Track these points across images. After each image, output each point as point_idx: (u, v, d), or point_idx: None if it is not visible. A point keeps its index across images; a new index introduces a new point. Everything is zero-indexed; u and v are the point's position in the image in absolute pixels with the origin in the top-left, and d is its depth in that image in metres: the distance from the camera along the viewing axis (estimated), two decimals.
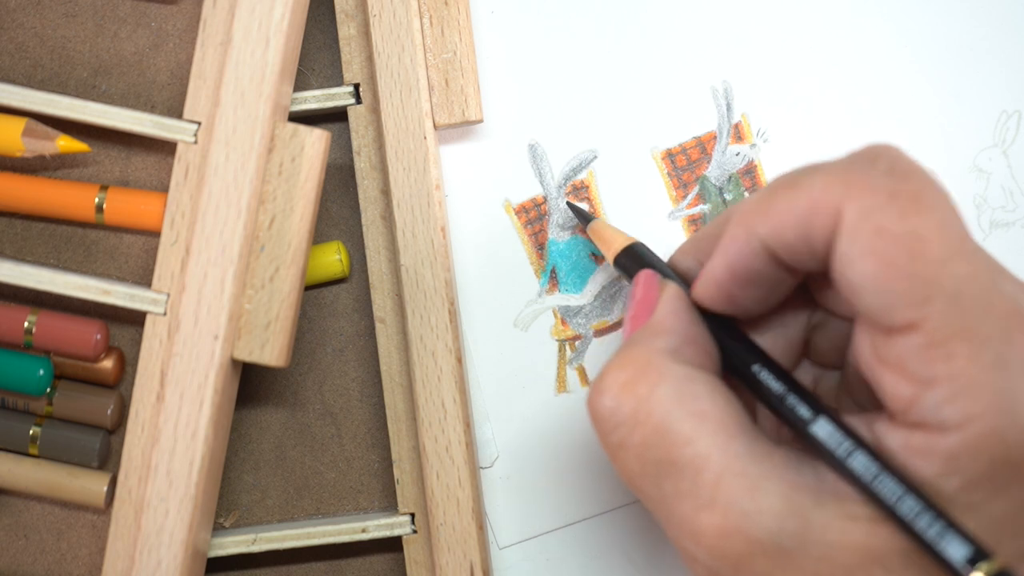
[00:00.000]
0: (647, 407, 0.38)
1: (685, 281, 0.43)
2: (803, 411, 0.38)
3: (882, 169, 0.36)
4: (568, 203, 0.54)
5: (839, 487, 0.37)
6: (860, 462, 0.36)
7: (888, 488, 0.36)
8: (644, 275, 0.43)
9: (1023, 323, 0.35)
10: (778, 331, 0.42)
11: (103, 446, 0.53)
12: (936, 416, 0.35)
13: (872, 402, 0.40)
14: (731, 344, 0.41)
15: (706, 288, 0.41)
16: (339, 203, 0.56)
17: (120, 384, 0.55)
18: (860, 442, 0.37)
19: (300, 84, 0.55)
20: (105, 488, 0.53)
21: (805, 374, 0.43)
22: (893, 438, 0.36)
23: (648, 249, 0.47)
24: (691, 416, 0.37)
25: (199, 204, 0.49)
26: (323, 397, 0.55)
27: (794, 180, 0.37)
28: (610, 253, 0.48)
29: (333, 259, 0.54)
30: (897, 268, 0.35)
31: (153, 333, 0.50)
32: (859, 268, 0.35)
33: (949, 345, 0.34)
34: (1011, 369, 0.34)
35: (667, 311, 0.41)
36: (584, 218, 0.53)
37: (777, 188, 0.38)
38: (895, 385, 0.36)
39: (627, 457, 0.38)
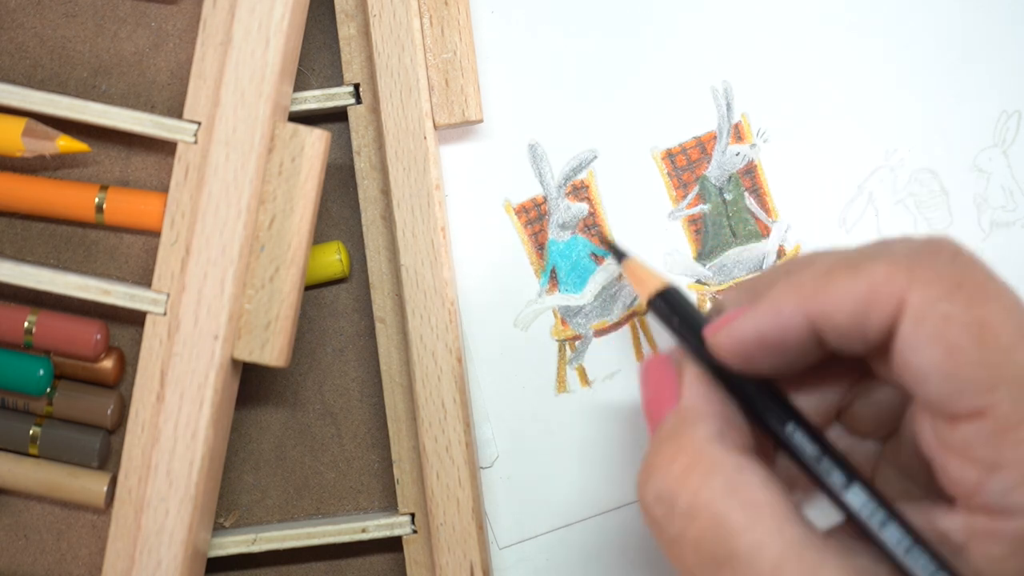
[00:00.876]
0: (702, 500, 0.38)
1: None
2: (837, 477, 0.38)
3: (946, 259, 0.37)
4: (604, 240, 0.54)
5: (895, 573, 0.37)
6: (893, 535, 0.37)
7: (921, 563, 0.36)
8: (653, 362, 0.43)
9: None
10: (813, 394, 0.42)
11: (103, 446, 0.53)
12: (1003, 500, 0.35)
13: (922, 477, 0.41)
14: (764, 406, 0.40)
15: (726, 342, 0.40)
16: (339, 203, 0.56)
17: (120, 384, 0.55)
18: (893, 513, 0.37)
19: (300, 84, 0.55)
20: (105, 488, 0.53)
21: (838, 441, 0.43)
22: (953, 521, 0.37)
23: (683, 296, 0.45)
24: (745, 506, 0.37)
25: (199, 204, 0.49)
26: (323, 397, 0.55)
27: (855, 263, 0.38)
28: (644, 294, 0.48)
29: (333, 259, 0.54)
30: (964, 355, 0.35)
31: (153, 333, 0.50)
32: (925, 355, 0.36)
33: (1017, 431, 0.35)
34: None
35: (697, 395, 0.40)
36: (618, 255, 0.52)
37: (835, 268, 0.38)
38: (960, 470, 0.36)
39: (684, 551, 0.38)
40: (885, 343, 0.37)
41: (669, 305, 0.44)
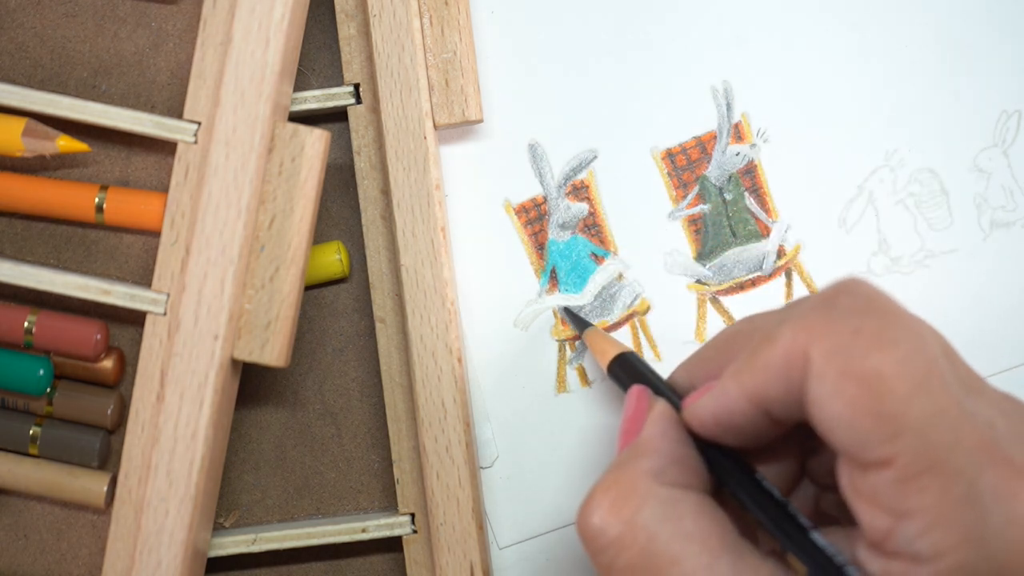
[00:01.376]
0: (632, 530, 0.38)
1: (679, 395, 0.44)
2: (787, 532, 0.39)
3: (843, 307, 0.37)
4: (564, 309, 0.55)
5: None
6: None
7: None
8: (635, 391, 0.44)
9: (991, 455, 0.36)
10: (772, 455, 0.42)
11: (103, 446, 0.53)
12: (910, 548, 0.36)
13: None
14: (719, 463, 0.41)
15: (691, 420, 0.41)
16: (339, 203, 0.56)
17: (120, 384, 0.55)
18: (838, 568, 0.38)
19: (300, 84, 0.55)
20: (105, 488, 0.53)
21: (807, 490, 0.44)
22: (875, 564, 0.37)
23: (640, 359, 0.48)
24: (676, 537, 0.38)
25: (199, 204, 0.49)
26: (323, 397, 0.55)
27: (771, 333, 0.38)
28: (603, 361, 0.49)
29: (333, 259, 0.54)
30: (863, 408, 0.36)
31: (153, 333, 0.50)
32: (829, 410, 0.36)
33: (920, 480, 0.36)
34: (981, 502, 0.36)
35: (654, 431, 0.41)
36: (580, 325, 0.53)
37: (759, 343, 0.39)
38: (872, 516, 0.37)
39: None
40: None
41: (627, 370, 0.47)
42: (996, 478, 0.36)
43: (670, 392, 0.44)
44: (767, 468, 0.42)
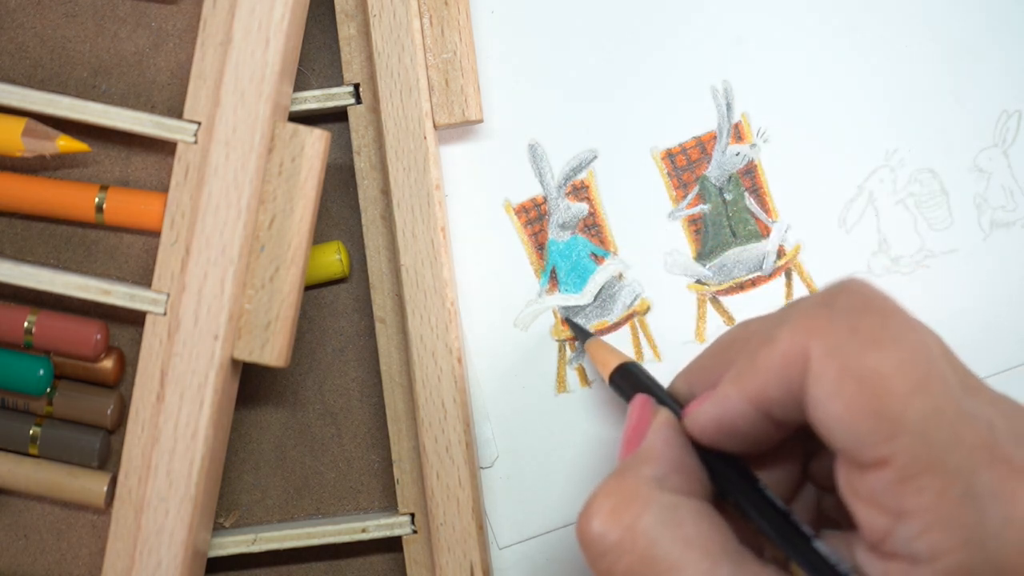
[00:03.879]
0: (632, 535, 0.38)
1: (680, 404, 0.44)
2: (789, 541, 0.39)
3: (842, 306, 0.37)
4: (566, 319, 0.55)
5: None
6: None
7: None
8: (639, 400, 0.44)
9: (989, 454, 0.36)
10: (775, 459, 0.42)
11: (103, 446, 0.53)
12: (908, 549, 0.36)
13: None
14: (721, 472, 0.41)
15: (692, 428, 0.41)
16: (339, 203, 0.56)
17: (120, 384, 0.55)
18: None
19: (300, 84, 0.55)
20: (105, 488, 0.53)
21: (809, 493, 0.44)
22: (874, 566, 0.37)
23: (642, 369, 0.48)
24: (676, 543, 0.38)
25: (199, 204, 0.49)
26: (323, 397, 0.55)
27: (770, 335, 0.38)
28: (605, 372, 0.49)
29: (333, 259, 0.54)
30: (861, 408, 0.36)
31: (153, 333, 0.50)
32: (828, 409, 0.36)
33: (918, 480, 0.35)
34: (979, 502, 0.36)
35: (657, 439, 0.41)
36: (582, 335, 0.53)
37: (758, 346, 0.39)
38: (870, 517, 0.37)
39: None
40: None
41: (629, 380, 0.47)
42: (994, 478, 0.36)
43: (671, 401, 0.44)
44: (769, 473, 0.42)
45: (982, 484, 0.36)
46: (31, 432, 0.53)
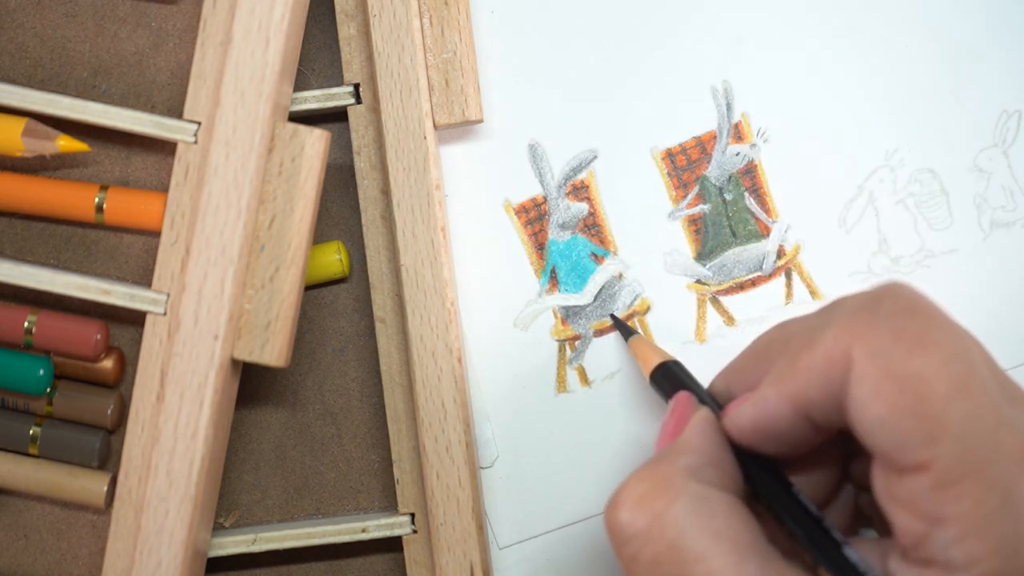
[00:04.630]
0: (662, 523, 0.38)
1: (719, 405, 0.44)
2: (819, 546, 0.39)
3: (886, 310, 0.37)
4: (612, 316, 0.55)
5: None
6: None
7: None
8: (681, 396, 0.44)
9: None
10: (813, 463, 0.42)
11: (103, 446, 0.53)
12: (944, 555, 0.36)
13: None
14: (756, 473, 0.41)
15: (731, 428, 0.41)
16: (339, 203, 0.56)
17: (120, 384, 0.55)
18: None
19: (300, 84, 0.55)
20: (105, 488, 0.53)
21: (848, 493, 0.44)
22: (907, 574, 0.37)
23: (683, 368, 0.48)
24: (705, 534, 0.38)
25: (199, 204, 0.49)
26: (323, 397, 0.55)
27: (811, 336, 0.38)
28: (646, 370, 0.49)
29: (333, 259, 0.54)
30: (904, 410, 0.36)
31: (153, 333, 0.50)
32: (869, 412, 0.36)
33: (958, 486, 0.35)
34: (1016, 511, 0.35)
35: (695, 432, 0.41)
36: (626, 332, 0.53)
37: (798, 348, 0.39)
38: (907, 522, 0.36)
39: (639, 571, 0.38)
40: None
41: (670, 379, 0.47)
42: None
43: (712, 402, 0.44)
44: (807, 477, 0.42)
45: (1021, 493, 0.35)
46: (31, 432, 0.53)
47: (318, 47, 0.55)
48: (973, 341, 0.37)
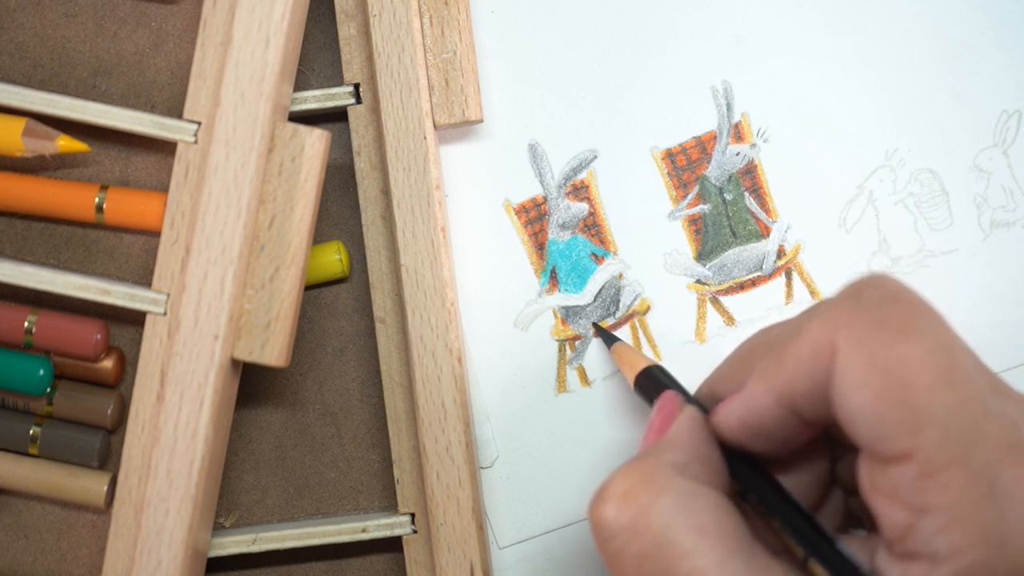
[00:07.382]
0: (647, 518, 0.38)
1: (704, 408, 0.44)
2: (810, 541, 0.39)
3: (869, 298, 0.37)
4: (594, 324, 0.55)
5: None
6: None
7: None
8: (667, 395, 0.44)
9: (1013, 454, 0.36)
10: (802, 462, 0.42)
11: (103, 446, 0.53)
12: (929, 546, 0.36)
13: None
14: (745, 471, 0.41)
15: (719, 427, 0.41)
16: (339, 203, 0.56)
17: (120, 384, 0.55)
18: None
19: (300, 84, 0.55)
20: (105, 488, 0.53)
21: (837, 498, 0.44)
22: (893, 568, 0.37)
23: (667, 372, 0.48)
24: (691, 529, 0.37)
25: (199, 204, 0.49)
26: (323, 397, 0.55)
27: (797, 329, 0.38)
28: (630, 375, 0.49)
29: (333, 259, 0.54)
30: (888, 398, 0.36)
31: (153, 333, 0.50)
32: (853, 400, 0.36)
33: (942, 475, 0.35)
34: (1001, 501, 0.35)
35: (681, 429, 0.41)
36: (609, 340, 0.53)
37: (784, 342, 0.38)
38: (891, 513, 0.36)
39: (623, 567, 0.38)
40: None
41: (655, 383, 0.47)
42: (1017, 478, 0.36)
43: (698, 403, 0.44)
44: (796, 476, 0.42)
45: (1005, 483, 0.35)
46: (31, 432, 0.53)
47: (318, 47, 0.55)
48: (955, 333, 0.37)
